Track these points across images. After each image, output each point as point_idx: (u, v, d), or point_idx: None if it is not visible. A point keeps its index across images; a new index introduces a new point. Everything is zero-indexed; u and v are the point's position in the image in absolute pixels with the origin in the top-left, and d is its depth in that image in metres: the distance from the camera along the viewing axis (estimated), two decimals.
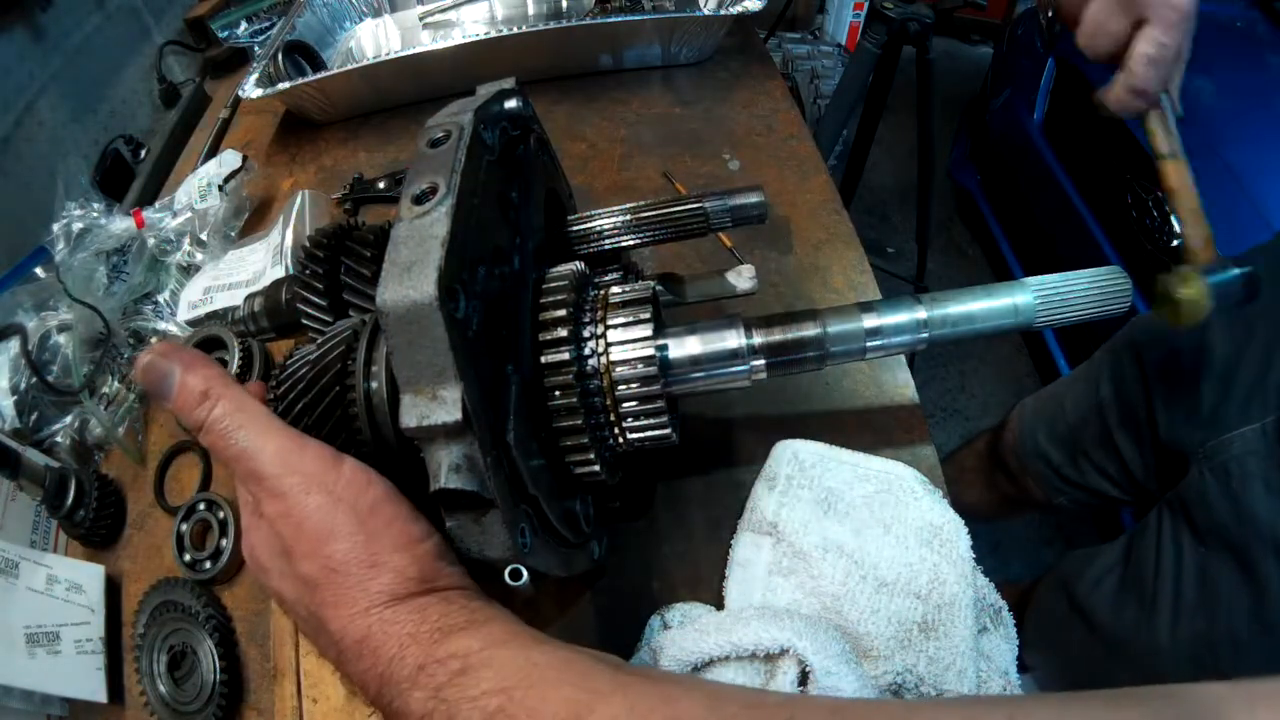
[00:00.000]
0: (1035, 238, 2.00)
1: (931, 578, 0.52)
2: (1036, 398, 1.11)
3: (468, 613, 0.33)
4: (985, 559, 0.55)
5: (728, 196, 0.56)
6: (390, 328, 0.32)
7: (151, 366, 0.36)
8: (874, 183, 2.70)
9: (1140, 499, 0.94)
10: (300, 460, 0.34)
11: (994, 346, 2.22)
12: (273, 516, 0.34)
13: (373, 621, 0.32)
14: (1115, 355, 0.94)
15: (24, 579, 0.58)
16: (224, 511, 0.65)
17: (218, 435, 0.35)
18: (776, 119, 0.95)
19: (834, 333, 0.46)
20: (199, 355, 0.37)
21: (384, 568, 0.33)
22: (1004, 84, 2.10)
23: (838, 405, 0.67)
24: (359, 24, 1.26)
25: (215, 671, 0.58)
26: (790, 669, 0.45)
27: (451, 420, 0.32)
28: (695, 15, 1.00)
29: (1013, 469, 1.12)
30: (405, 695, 0.30)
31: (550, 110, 1.01)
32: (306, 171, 1.01)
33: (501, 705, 0.29)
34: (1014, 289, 0.47)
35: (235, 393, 0.36)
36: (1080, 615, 0.88)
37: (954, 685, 0.49)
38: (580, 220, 0.56)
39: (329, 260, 0.46)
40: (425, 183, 0.36)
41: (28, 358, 0.72)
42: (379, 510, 0.34)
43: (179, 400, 0.36)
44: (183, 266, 0.87)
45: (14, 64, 0.96)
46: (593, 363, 0.43)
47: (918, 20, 1.40)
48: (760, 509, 0.57)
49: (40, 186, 0.94)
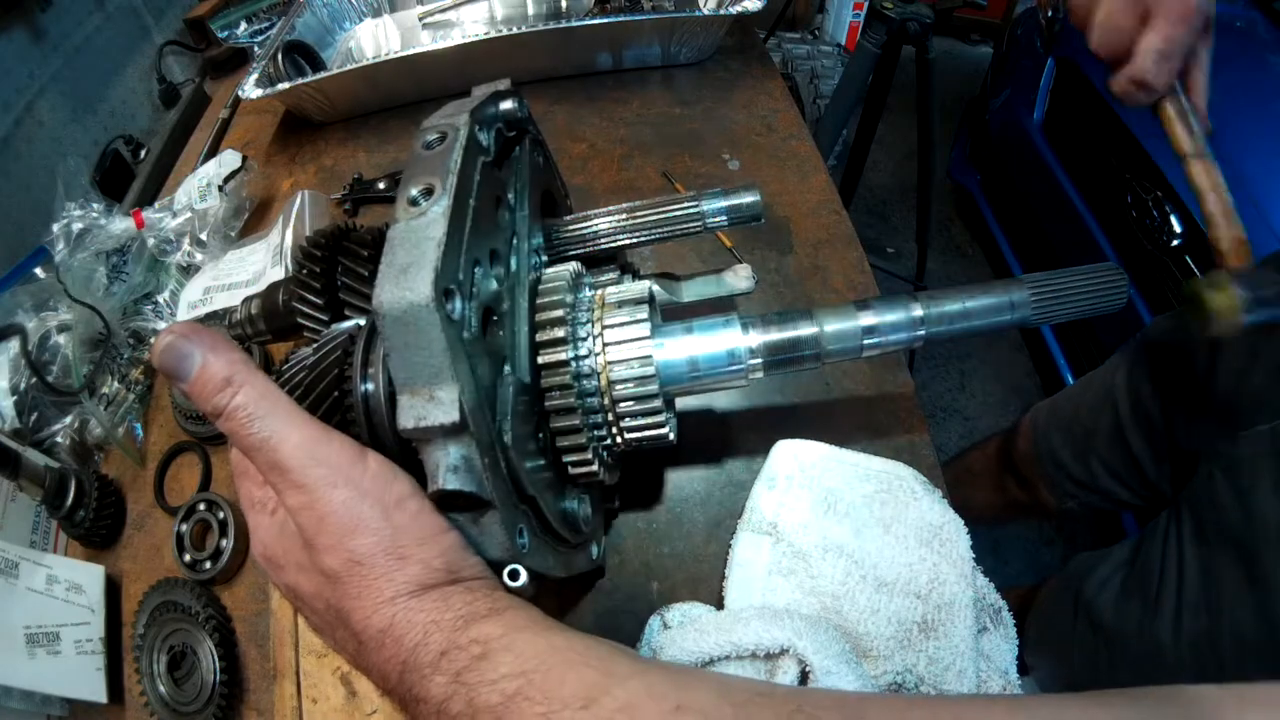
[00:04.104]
0: (1035, 238, 2.00)
1: (931, 578, 0.52)
2: (1051, 403, 1.11)
3: (490, 601, 0.33)
4: (985, 559, 0.55)
5: (724, 196, 0.56)
6: (387, 329, 0.32)
7: (171, 347, 0.35)
8: (874, 183, 2.70)
9: (1151, 502, 0.94)
10: (326, 452, 0.34)
11: (994, 346, 2.22)
12: (294, 508, 0.34)
13: (397, 610, 0.32)
14: (1130, 358, 0.94)
15: (24, 579, 0.58)
16: (224, 512, 0.66)
17: (239, 423, 0.34)
18: (776, 119, 0.95)
19: (830, 331, 0.46)
20: (221, 338, 0.36)
21: (411, 560, 0.33)
22: (1004, 84, 2.10)
23: (837, 405, 0.67)
24: (359, 24, 1.26)
25: (215, 672, 0.58)
26: (790, 669, 0.45)
27: (449, 421, 0.32)
28: (695, 15, 1.00)
29: (1026, 474, 1.12)
30: (426, 681, 0.30)
31: (550, 110, 1.01)
32: (306, 171, 1.01)
33: (520, 688, 0.29)
34: (1009, 285, 0.47)
35: (260, 380, 0.35)
36: (1084, 614, 0.88)
37: (954, 685, 0.49)
38: (576, 220, 0.56)
39: (326, 262, 0.46)
40: (421, 184, 0.36)
41: (28, 358, 0.73)
42: (404, 505, 0.34)
43: (199, 384, 0.35)
44: (182, 267, 0.87)
45: (14, 64, 0.96)
46: (590, 363, 0.43)
47: (917, 20, 1.40)
48: (760, 509, 0.57)
49: (40, 186, 0.94)
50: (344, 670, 0.49)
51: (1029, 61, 1.97)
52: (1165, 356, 0.87)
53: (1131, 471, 0.94)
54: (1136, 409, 0.91)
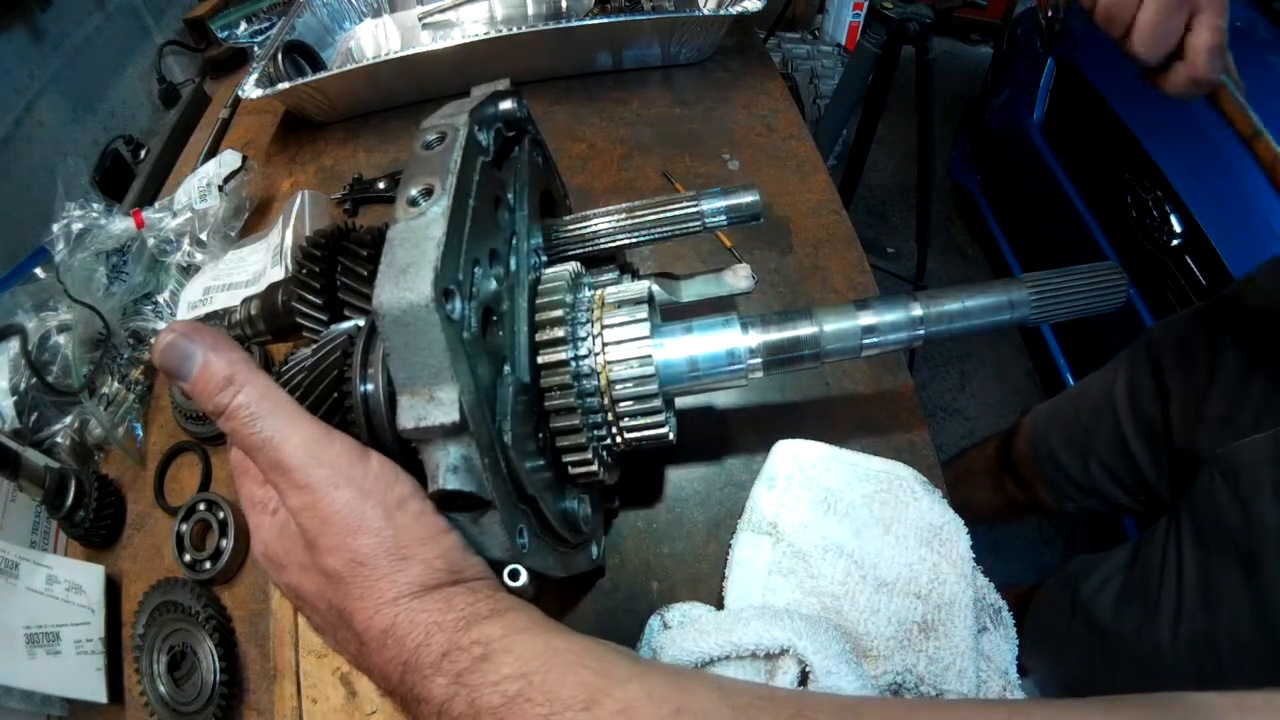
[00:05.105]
0: (1035, 238, 2.00)
1: (931, 578, 0.52)
2: (1050, 404, 1.11)
3: (492, 602, 0.33)
4: (985, 559, 0.55)
5: (723, 196, 0.56)
6: (387, 329, 0.32)
7: (172, 346, 0.35)
8: (874, 183, 2.70)
9: (1150, 506, 0.94)
10: (328, 453, 0.34)
11: (994, 346, 2.22)
12: (296, 509, 0.34)
13: (399, 611, 0.32)
14: (1131, 360, 0.94)
15: (24, 579, 0.58)
16: (224, 512, 0.66)
17: (240, 423, 0.34)
18: (776, 119, 0.95)
19: (830, 330, 0.46)
20: (223, 337, 0.36)
21: (413, 560, 0.33)
22: (1004, 84, 2.10)
23: (837, 404, 0.67)
24: (359, 24, 1.26)
25: (215, 672, 0.58)
26: (790, 669, 0.45)
27: (449, 421, 0.32)
28: (695, 15, 1.00)
29: (1024, 475, 1.12)
30: (428, 682, 0.30)
31: (550, 110, 1.01)
32: (306, 171, 1.01)
33: (521, 689, 0.29)
34: (1009, 284, 0.47)
35: (261, 379, 0.35)
36: (1082, 616, 0.88)
37: (954, 685, 0.49)
38: (576, 220, 0.56)
39: (325, 262, 0.46)
40: (421, 184, 0.36)
41: (28, 358, 0.73)
42: (406, 505, 0.34)
43: (199, 383, 0.35)
44: (182, 267, 0.87)
45: (14, 64, 0.96)
46: (589, 362, 0.43)
47: (917, 20, 1.40)
48: (760, 509, 0.57)
49: (40, 186, 0.94)
50: (344, 670, 0.49)
51: (1029, 61, 1.96)
52: (1167, 359, 0.87)
53: (1130, 475, 0.94)
54: (1136, 413, 0.91)
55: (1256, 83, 0.59)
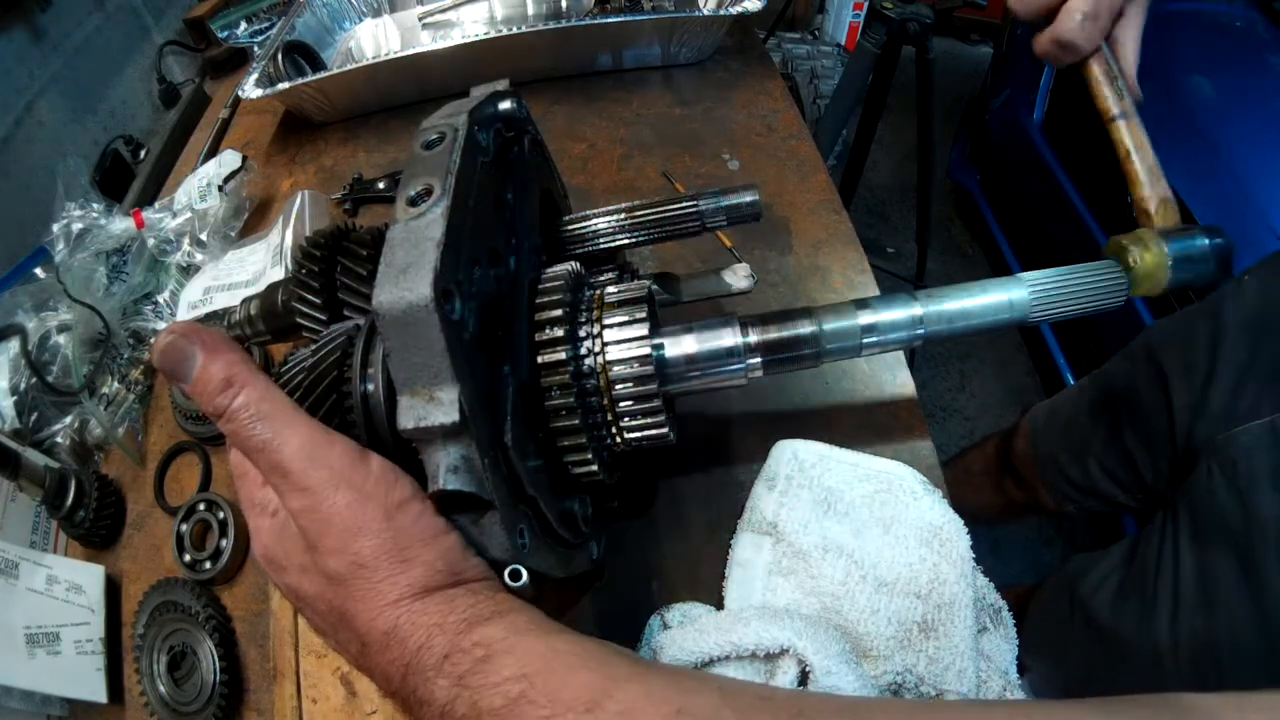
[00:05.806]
0: (1035, 238, 2.00)
1: (931, 578, 0.52)
2: (1050, 404, 1.11)
3: (494, 604, 0.33)
4: (985, 559, 0.55)
5: (722, 195, 0.56)
6: (386, 330, 0.32)
7: (172, 347, 0.35)
8: (874, 183, 2.70)
9: (1149, 505, 0.94)
10: (328, 455, 0.34)
11: (994, 345, 2.22)
12: (297, 511, 0.34)
13: (401, 613, 0.32)
14: (1129, 359, 0.94)
15: (24, 579, 0.58)
16: (224, 512, 0.66)
17: (240, 425, 0.34)
18: (776, 119, 0.95)
19: (829, 330, 0.46)
20: (222, 338, 0.36)
21: (414, 562, 0.33)
22: (1004, 84, 2.10)
23: (837, 404, 0.67)
24: (358, 24, 1.26)
25: (215, 672, 0.58)
26: (790, 669, 0.45)
27: (449, 421, 0.32)
28: (695, 15, 1.00)
29: (1024, 475, 1.12)
30: (429, 684, 0.30)
31: (550, 110, 1.01)
32: (306, 172, 1.01)
33: (523, 691, 0.29)
34: (1009, 284, 0.47)
35: (260, 381, 0.35)
36: (1081, 615, 0.88)
37: (954, 685, 0.49)
38: (575, 220, 0.56)
39: (325, 262, 0.46)
40: (420, 185, 0.36)
41: (28, 358, 0.73)
42: (406, 507, 0.34)
43: (199, 384, 0.35)
44: (182, 267, 0.87)
45: (14, 64, 0.96)
46: (589, 362, 0.43)
47: (917, 20, 1.40)
48: (760, 509, 0.57)
49: (40, 187, 0.94)
50: (344, 670, 0.50)
51: (1029, 61, 1.97)
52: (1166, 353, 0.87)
53: (1130, 475, 0.94)
54: (1136, 413, 0.91)
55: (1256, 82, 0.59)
